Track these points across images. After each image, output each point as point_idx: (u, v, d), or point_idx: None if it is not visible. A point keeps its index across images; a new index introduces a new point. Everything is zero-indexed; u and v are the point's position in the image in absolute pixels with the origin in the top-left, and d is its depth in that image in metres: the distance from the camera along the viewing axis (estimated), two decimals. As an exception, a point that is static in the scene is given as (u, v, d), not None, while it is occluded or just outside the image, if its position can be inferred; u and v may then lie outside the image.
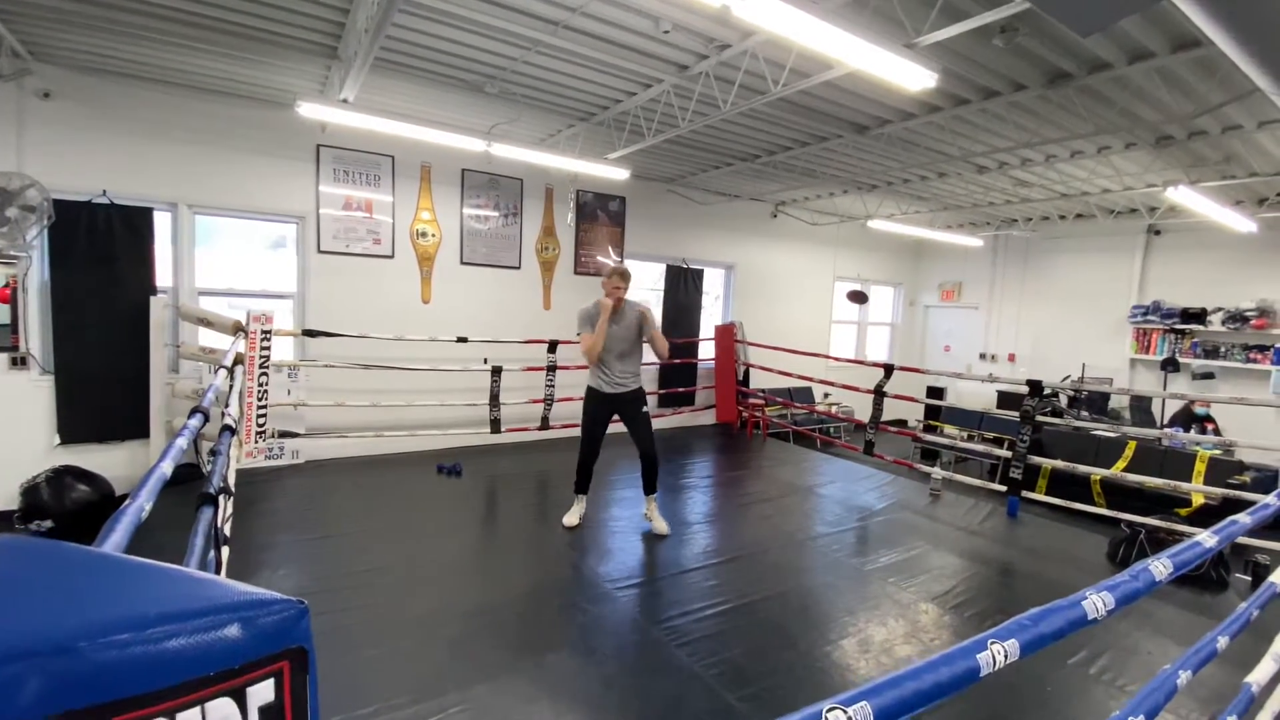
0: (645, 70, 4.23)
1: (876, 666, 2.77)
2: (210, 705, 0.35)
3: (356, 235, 5.80)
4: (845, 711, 0.56)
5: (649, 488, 4.26)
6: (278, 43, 3.97)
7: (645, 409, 4.13)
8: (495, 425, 6.12)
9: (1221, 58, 2.41)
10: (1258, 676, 1.76)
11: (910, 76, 3.03)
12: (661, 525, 4.22)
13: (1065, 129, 4.77)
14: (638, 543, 4.14)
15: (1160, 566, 1.12)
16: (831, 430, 8.56)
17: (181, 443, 1.73)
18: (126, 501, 1.12)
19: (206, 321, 4.84)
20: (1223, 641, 1.49)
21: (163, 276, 4.99)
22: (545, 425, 6.51)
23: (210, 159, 5.06)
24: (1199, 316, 7.34)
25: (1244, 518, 1.51)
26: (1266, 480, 5.53)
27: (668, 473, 5.97)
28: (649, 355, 4.20)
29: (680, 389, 7.96)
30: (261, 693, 0.37)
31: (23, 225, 4.13)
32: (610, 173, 5.68)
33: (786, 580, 3.65)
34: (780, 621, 3.13)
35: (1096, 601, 0.91)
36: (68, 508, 4.23)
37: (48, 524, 4.17)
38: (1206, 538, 1.32)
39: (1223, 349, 7.23)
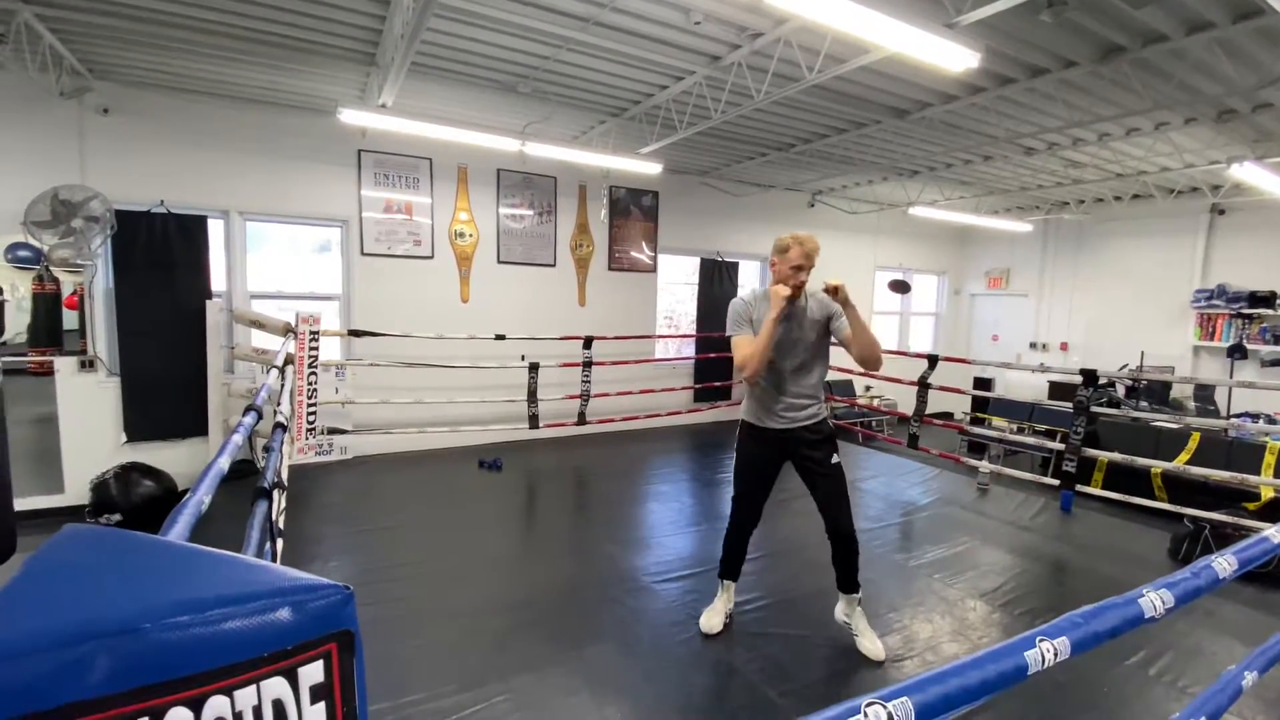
0: (676, 63, 4.20)
1: (921, 664, 2.71)
2: (265, 684, 0.37)
3: (398, 237, 5.94)
4: (885, 706, 0.55)
5: (848, 583, 2.80)
6: (318, 52, 4.09)
7: (836, 458, 2.71)
8: (533, 421, 6.21)
9: (1291, 23, 2.26)
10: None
11: (952, 57, 2.93)
12: (873, 644, 2.75)
13: (1120, 106, 4.54)
14: (675, 537, 4.14)
15: (1224, 563, 1.07)
16: (873, 424, 8.39)
17: (237, 439, 1.81)
18: (187, 495, 1.18)
19: (259, 324, 5.03)
20: (1295, 643, 1.41)
21: (217, 281, 5.21)
22: (582, 421, 6.57)
23: (259, 167, 5.25)
24: (1268, 300, 6.92)
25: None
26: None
27: (703, 467, 5.97)
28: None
29: (716, 383, 7.92)
30: (312, 673, 0.39)
31: (87, 235, 4.37)
32: (643, 167, 5.68)
33: (827, 576, 3.56)
34: (820, 618, 3.08)
35: (1155, 599, 0.88)
36: (134, 502, 4.47)
37: (116, 518, 4.41)
38: (1274, 533, 1.25)
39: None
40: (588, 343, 6.50)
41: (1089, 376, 4.85)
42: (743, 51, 3.94)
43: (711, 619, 2.92)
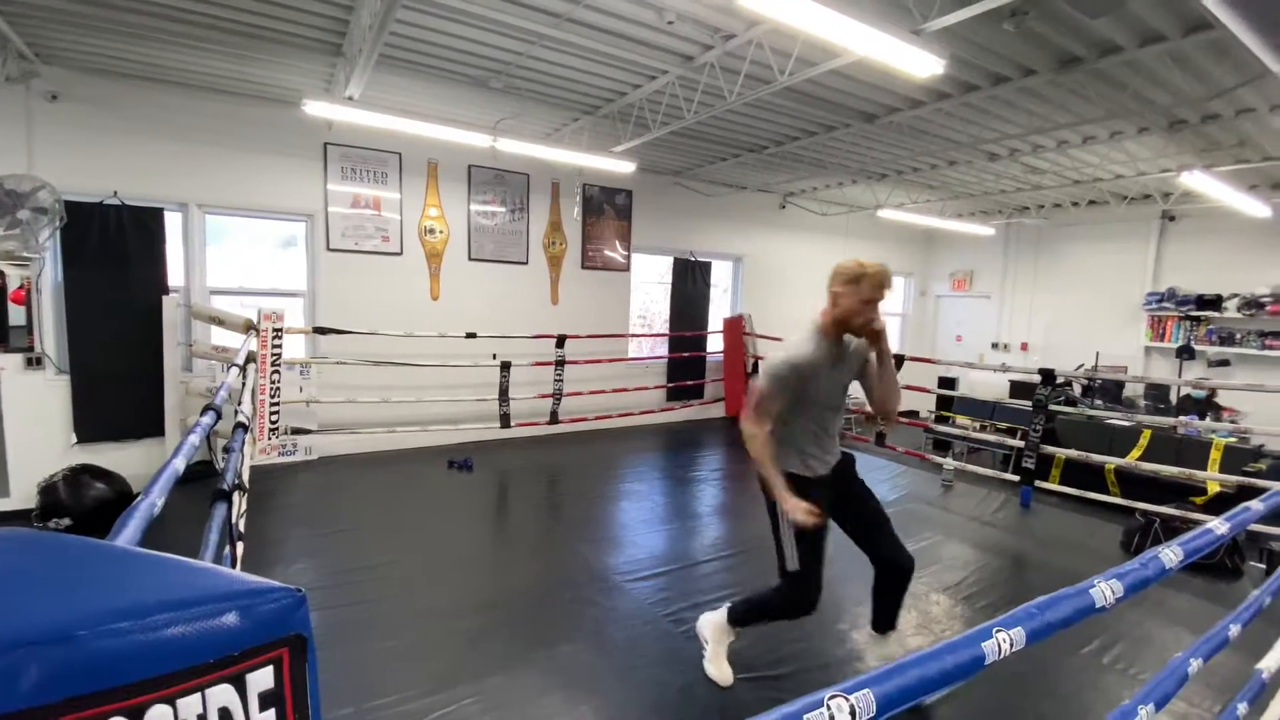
0: (650, 62, 4.21)
1: (886, 658, 2.76)
2: (210, 691, 0.35)
3: (365, 233, 5.83)
4: (848, 699, 0.56)
5: (888, 620, 2.48)
6: (282, 41, 3.98)
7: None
8: (505, 420, 6.15)
9: (1233, 40, 2.35)
10: (1269, 663, 1.75)
11: (918, 63, 2.99)
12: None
13: (1076, 114, 4.70)
14: (647, 535, 4.14)
15: (1171, 554, 1.11)
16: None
17: (194, 440, 1.75)
18: (139, 497, 1.13)
19: (219, 320, 4.88)
20: (1235, 629, 1.47)
21: (175, 276, 5.04)
22: (554, 420, 6.54)
23: (219, 158, 5.09)
24: (1214, 303, 7.23)
25: (1257, 504, 1.49)
26: (1284, 468, 5.44)
27: (676, 465, 5.99)
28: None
29: (689, 382, 7.95)
30: (261, 679, 0.37)
31: (35, 227, 4.18)
32: (616, 166, 5.67)
33: (796, 572, 3.65)
34: (790, 613, 3.12)
35: (1105, 590, 0.91)
36: (85, 506, 4.30)
37: (65, 522, 4.24)
38: (1218, 525, 1.31)
39: (1238, 336, 7.12)
40: (560, 341, 6.47)
41: (1047, 376, 5.01)
42: (715, 52, 3.96)
43: (723, 668, 2.50)
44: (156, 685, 0.33)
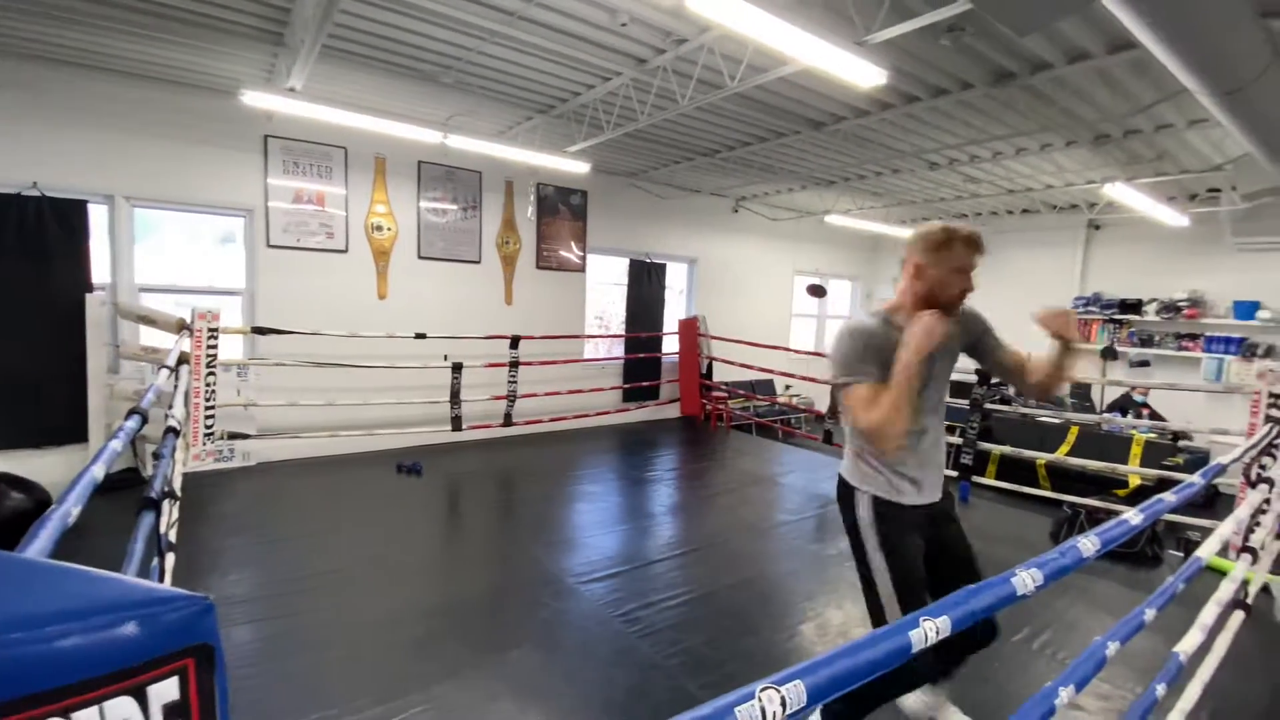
0: (604, 63, 4.21)
1: (833, 650, 2.84)
2: (109, 704, 0.34)
3: (308, 229, 5.63)
4: (779, 690, 0.57)
5: (945, 674, 2.08)
6: (220, 28, 3.81)
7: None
8: (456, 423, 6.04)
9: (1153, 59, 2.52)
10: (1185, 646, 1.87)
11: (862, 74, 3.09)
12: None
13: (1010, 126, 4.93)
14: (601, 536, 4.14)
15: (1088, 544, 1.18)
16: (793, 421, 8.71)
17: (116, 445, 1.66)
18: (52, 506, 1.07)
19: (148, 319, 4.63)
20: (1150, 614, 1.58)
21: (101, 273, 4.76)
22: (508, 422, 6.46)
23: (150, 149, 4.83)
24: (1136, 307, 7.71)
25: (1169, 496, 1.59)
26: (1198, 461, 5.84)
27: (631, 466, 6.01)
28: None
29: (645, 383, 7.98)
30: (165, 691, 0.36)
31: (-58, 218, 3.88)
32: (570, 166, 5.65)
33: (748, 569, 3.71)
34: (741, 609, 3.18)
35: (1026, 578, 0.96)
36: (3, 516, 4.01)
37: (-22, 534, 3.95)
38: (1133, 515, 1.40)
39: (1157, 338, 7.61)
40: (514, 342, 6.39)
41: (983, 376, 5.24)
42: (668, 56, 3.99)
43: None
44: (50, 699, 0.31)
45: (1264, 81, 2.65)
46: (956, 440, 5.54)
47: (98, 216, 4.74)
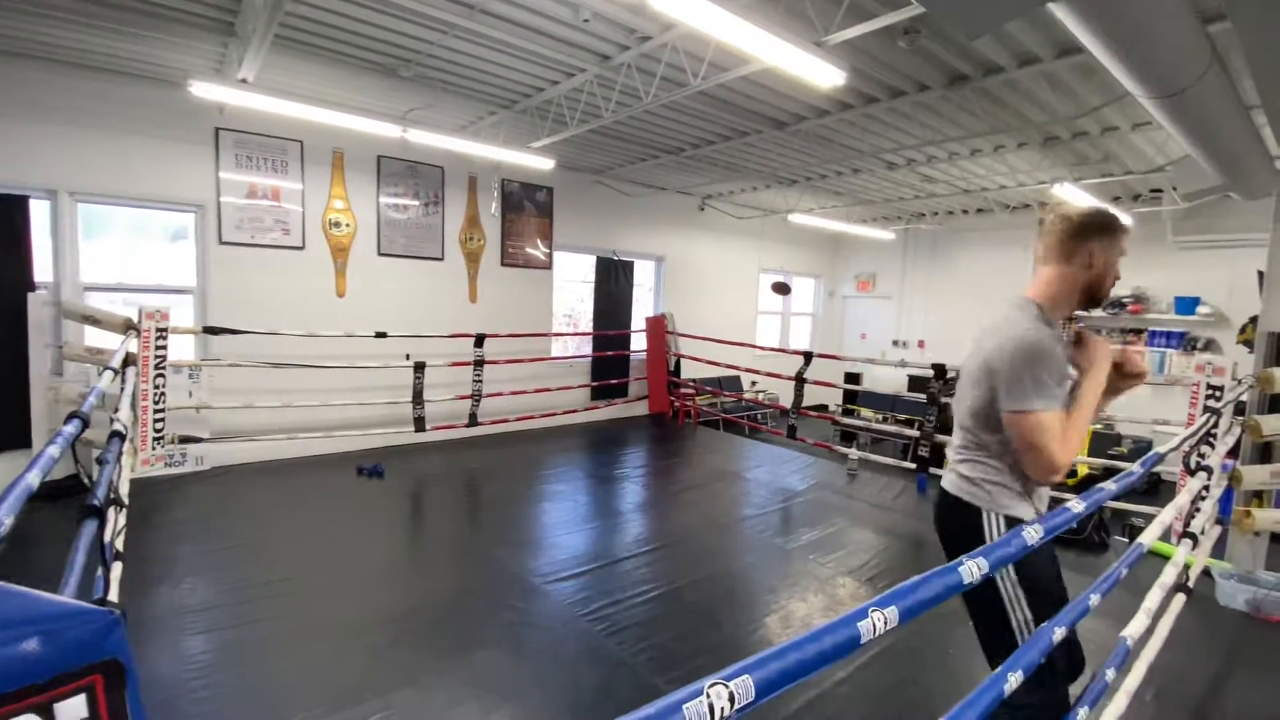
0: (567, 59, 4.18)
1: (781, 644, 2.88)
2: (14, 723, 0.32)
3: (263, 225, 5.46)
4: (727, 686, 0.58)
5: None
6: (168, 17, 3.66)
7: None
8: (419, 423, 5.94)
9: (1100, 63, 2.62)
10: (1132, 630, 1.95)
11: (821, 74, 3.14)
12: None
13: (964, 128, 5.07)
14: (568, 536, 4.13)
15: (1032, 531, 1.22)
16: (759, 417, 8.82)
17: (53, 451, 1.58)
18: (-20, 517, 1.01)
19: (93, 319, 4.42)
20: (1095, 599, 1.64)
21: (43, 271, 4.54)
22: (474, 422, 6.38)
23: (95, 142, 4.62)
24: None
25: (1110, 484, 1.66)
26: (1142, 450, 6.11)
27: (599, 464, 6.00)
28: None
29: (613, 380, 7.98)
30: (72, 709, 0.34)
31: None
32: (534, 162, 5.59)
33: (714, 563, 3.75)
34: (707, 604, 3.21)
35: (972, 567, 0.99)
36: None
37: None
38: (1075, 503, 1.45)
39: (1104, 332, 7.93)
40: (479, 340, 6.32)
41: (939, 370, 5.38)
42: (632, 53, 3.98)
43: None
44: (-54, 721, 0.30)
45: (1202, 86, 2.77)
46: (914, 434, 5.68)
47: (39, 212, 4.51)
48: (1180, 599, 2.76)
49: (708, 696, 0.55)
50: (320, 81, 4.62)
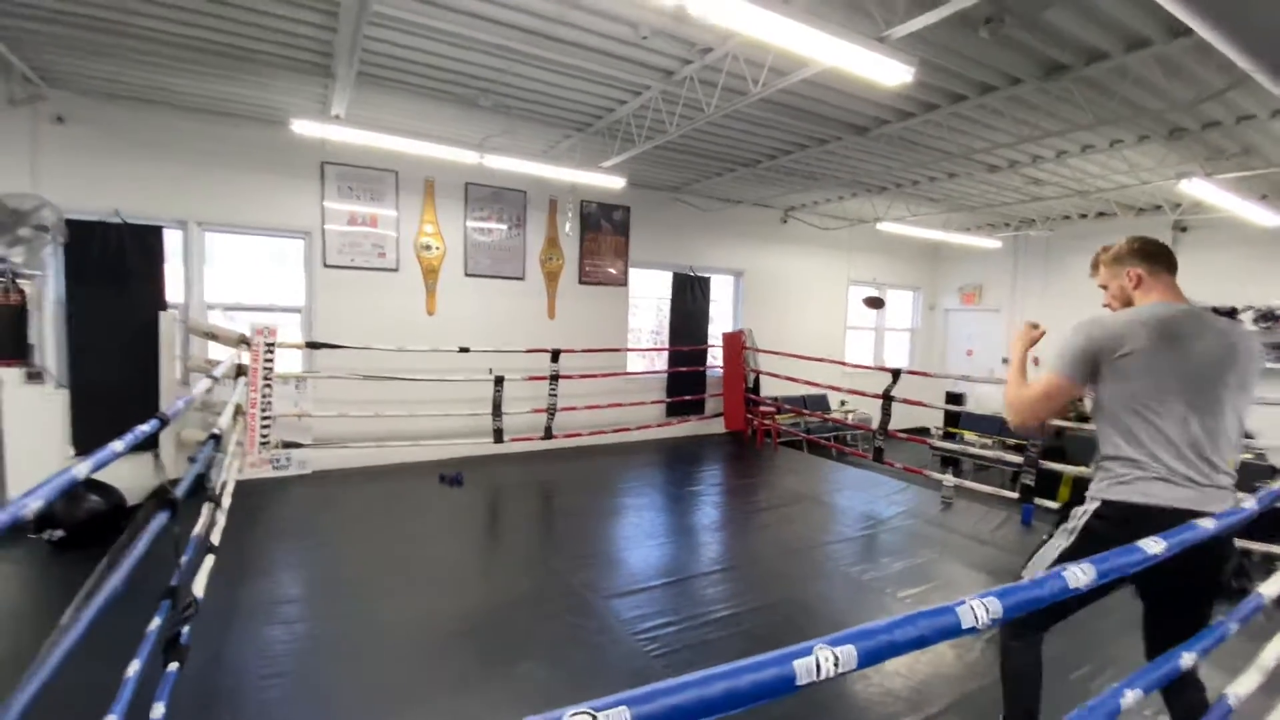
0: (633, 78, 4.23)
1: (856, 678, 2.66)
2: None
3: (361, 249, 5.91)
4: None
5: None
6: (272, 63, 4.08)
7: None
8: (498, 435, 6.14)
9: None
10: (1239, 689, 1.64)
11: (885, 71, 2.96)
12: None
13: (1066, 121, 4.60)
14: (631, 552, 4.08)
15: (1080, 573, 1.04)
16: (848, 438, 8.38)
17: (117, 446, 1.77)
18: (14, 503, 1.12)
19: (213, 335, 4.97)
20: (1187, 658, 1.38)
21: (176, 293, 5.15)
22: (549, 435, 6.51)
23: (218, 178, 5.22)
24: (1230, 315, 6.99)
25: (1206, 523, 1.40)
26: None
27: (669, 481, 5.92)
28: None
29: (688, 397, 7.89)
30: None
31: (36, 244, 4.30)
32: (606, 181, 5.69)
33: (779, 590, 3.56)
34: (766, 632, 3.04)
35: (975, 608, 0.85)
36: (79, 518, 4.35)
37: (59, 533, 4.29)
38: (1150, 544, 1.23)
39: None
40: (555, 355, 6.46)
41: (1047, 390, 4.85)
42: (695, 66, 3.97)
43: None
44: None
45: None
46: (1017, 459, 5.15)
47: (172, 240, 5.14)
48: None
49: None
50: (405, 114, 4.96)
